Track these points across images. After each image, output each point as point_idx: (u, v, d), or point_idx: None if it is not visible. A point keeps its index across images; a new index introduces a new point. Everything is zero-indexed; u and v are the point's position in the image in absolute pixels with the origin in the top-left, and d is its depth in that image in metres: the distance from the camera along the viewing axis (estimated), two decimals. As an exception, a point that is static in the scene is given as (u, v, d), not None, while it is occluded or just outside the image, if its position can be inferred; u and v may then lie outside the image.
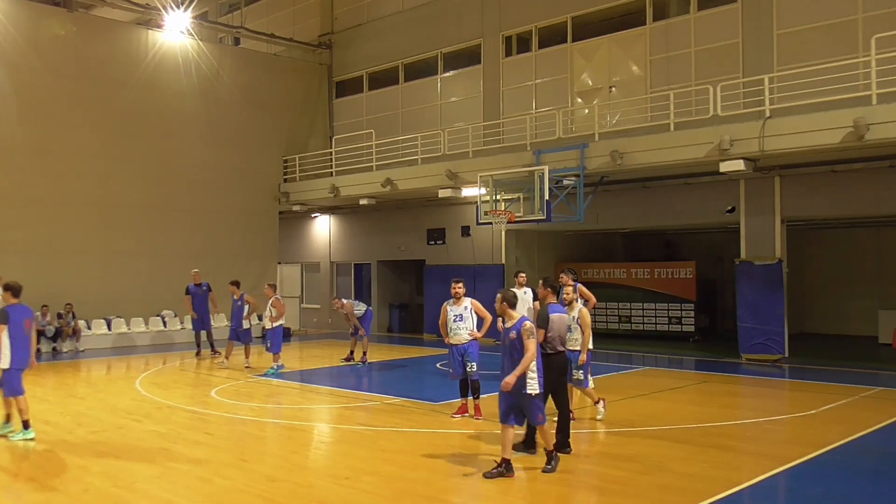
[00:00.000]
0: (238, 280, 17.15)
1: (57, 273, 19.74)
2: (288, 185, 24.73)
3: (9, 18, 19.41)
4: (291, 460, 8.37)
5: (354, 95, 26.04)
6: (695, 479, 7.38)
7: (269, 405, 11.93)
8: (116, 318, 21.07)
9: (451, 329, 10.25)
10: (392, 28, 24.52)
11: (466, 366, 10.23)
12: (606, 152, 16.40)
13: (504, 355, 7.64)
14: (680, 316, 21.02)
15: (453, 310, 10.27)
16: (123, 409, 11.36)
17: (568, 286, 12.94)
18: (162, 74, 22.20)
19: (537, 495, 7.22)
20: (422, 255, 23.32)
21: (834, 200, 16.03)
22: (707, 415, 10.71)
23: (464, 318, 10.23)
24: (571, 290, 9.86)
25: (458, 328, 10.20)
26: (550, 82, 20.48)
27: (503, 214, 16.94)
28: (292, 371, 16.07)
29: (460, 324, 10.20)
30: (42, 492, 7.14)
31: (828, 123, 13.63)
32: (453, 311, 10.26)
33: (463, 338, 10.22)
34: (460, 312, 10.24)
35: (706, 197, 17.68)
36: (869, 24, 14.94)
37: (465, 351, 10.23)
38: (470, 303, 10.34)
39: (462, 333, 10.21)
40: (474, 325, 10.33)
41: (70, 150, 20.30)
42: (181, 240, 22.34)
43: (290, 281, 27.62)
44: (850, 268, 21.89)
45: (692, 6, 17.94)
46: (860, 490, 7.17)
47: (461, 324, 10.20)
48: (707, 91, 15.71)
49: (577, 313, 9.68)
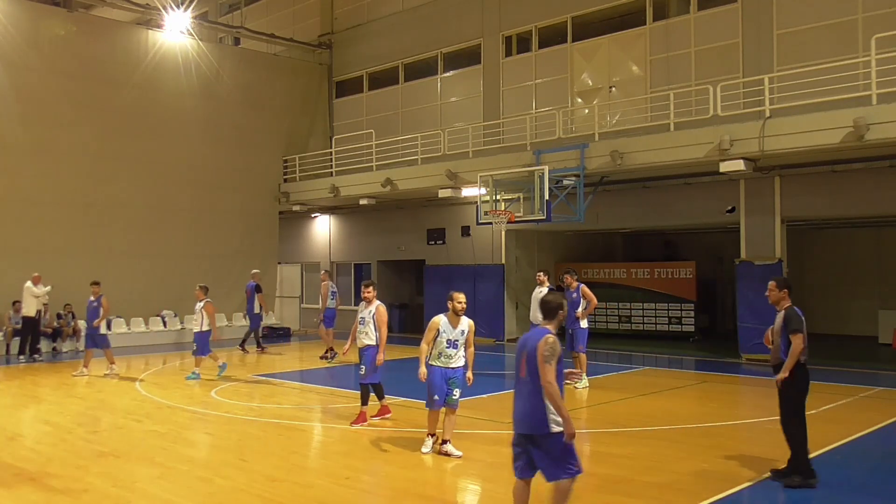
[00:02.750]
0: (98, 280, 15.52)
1: (57, 273, 19.72)
2: (288, 185, 24.73)
3: (9, 18, 19.42)
4: (291, 460, 8.37)
5: (354, 95, 26.04)
6: (695, 479, 7.38)
7: (269, 405, 11.93)
8: (116, 318, 21.06)
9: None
10: (392, 28, 24.52)
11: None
12: (606, 152, 16.39)
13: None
14: (680, 316, 21.01)
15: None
16: (123, 409, 11.36)
17: (571, 286, 13.11)
18: (162, 74, 22.20)
19: (538, 495, 7.21)
20: (422, 255, 23.32)
21: (834, 200, 16.03)
22: (707, 415, 10.71)
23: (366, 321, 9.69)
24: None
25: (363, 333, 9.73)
26: (550, 82, 20.48)
27: (503, 214, 16.94)
28: (292, 371, 16.07)
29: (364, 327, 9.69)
30: (42, 492, 7.13)
31: (828, 123, 13.63)
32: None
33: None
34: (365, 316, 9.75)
35: (706, 197, 17.67)
36: (869, 24, 14.94)
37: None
38: (375, 308, 9.69)
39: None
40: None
41: (70, 150, 20.30)
42: (181, 240, 22.34)
43: (289, 281, 27.61)
44: (850, 268, 21.89)
45: (692, 6, 17.94)
46: (860, 490, 7.17)
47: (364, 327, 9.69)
48: (707, 91, 15.71)
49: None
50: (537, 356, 5.34)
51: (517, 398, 5.57)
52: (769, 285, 7.53)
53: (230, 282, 23.29)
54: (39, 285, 17.76)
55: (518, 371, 5.58)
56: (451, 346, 8.26)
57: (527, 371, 5.45)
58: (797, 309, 7.28)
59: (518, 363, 5.57)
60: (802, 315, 7.24)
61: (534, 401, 5.39)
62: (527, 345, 5.52)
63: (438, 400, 8.30)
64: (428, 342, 8.33)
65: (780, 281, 7.50)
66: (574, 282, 13.05)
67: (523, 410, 5.48)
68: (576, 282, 13.08)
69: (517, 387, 5.59)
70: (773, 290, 7.44)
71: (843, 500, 6.90)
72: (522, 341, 5.63)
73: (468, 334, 8.35)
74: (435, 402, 8.33)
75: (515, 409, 5.57)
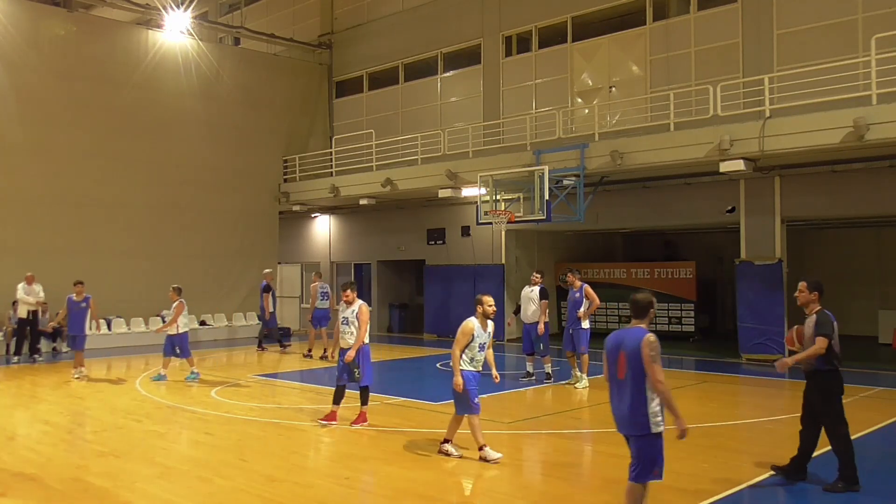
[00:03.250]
0: (82, 280, 15.21)
1: (57, 273, 19.71)
2: (288, 185, 24.73)
3: (9, 18, 19.42)
4: (291, 460, 8.37)
5: (354, 95, 26.03)
6: (695, 479, 7.38)
7: (269, 405, 11.93)
8: (116, 318, 21.07)
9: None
10: (392, 28, 24.52)
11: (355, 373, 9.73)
12: (606, 152, 16.40)
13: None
14: (680, 316, 21.01)
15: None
16: (123, 409, 11.36)
17: (574, 286, 13.17)
18: (162, 74, 22.20)
19: (538, 495, 7.22)
20: (422, 255, 23.31)
21: (834, 200, 16.02)
22: (707, 415, 10.71)
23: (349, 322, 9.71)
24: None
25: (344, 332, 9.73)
26: (550, 82, 20.48)
27: (503, 214, 16.95)
28: (292, 371, 16.07)
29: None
30: (42, 492, 7.13)
31: (828, 123, 13.63)
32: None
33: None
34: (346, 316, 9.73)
35: (706, 197, 17.67)
36: (869, 24, 14.94)
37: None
38: (358, 306, 9.73)
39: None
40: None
41: (70, 149, 20.29)
42: (181, 240, 22.33)
43: (289, 281, 27.61)
44: (850, 268, 21.87)
45: (692, 6, 17.94)
46: (860, 490, 7.16)
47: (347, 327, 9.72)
48: (707, 91, 15.71)
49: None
50: (642, 357, 5.30)
51: (617, 400, 5.53)
52: (799, 286, 7.31)
53: (230, 282, 23.31)
54: (34, 285, 17.65)
55: (615, 373, 5.51)
56: (482, 349, 8.26)
57: (628, 372, 5.38)
58: (828, 312, 7.16)
59: (614, 364, 5.51)
60: (834, 319, 7.15)
61: (636, 402, 5.37)
62: (624, 345, 5.46)
63: (479, 403, 8.23)
64: (462, 348, 8.17)
65: (812, 283, 7.27)
66: (577, 281, 13.09)
67: (626, 412, 5.46)
68: (579, 281, 13.12)
69: (616, 388, 5.54)
70: (803, 291, 7.24)
71: (843, 499, 6.90)
72: (616, 342, 5.55)
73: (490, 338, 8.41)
74: (476, 406, 8.20)
75: (617, 410, 5.55)
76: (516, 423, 10.33)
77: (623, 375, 5.43)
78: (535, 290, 13.50)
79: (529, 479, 7.99)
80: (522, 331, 14.03)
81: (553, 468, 8.24)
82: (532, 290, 13.55)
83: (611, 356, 5.57)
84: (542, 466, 8.41)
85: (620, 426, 5.56)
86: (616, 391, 5.54)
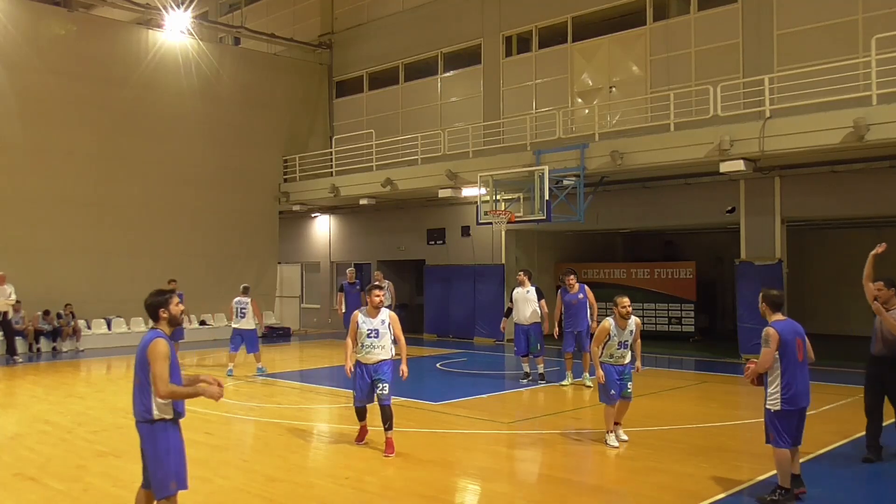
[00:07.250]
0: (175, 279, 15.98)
1: (57, 273, 19.75)
2: (288, 185, 24.73)
3: (9, 18, 19.42)
4: (291, 460, 8.36)
5: (354, 95, 26.03)
6: (695, 479, 7.38)
7: (269, 405, 11.93)
8: (116, 318, 21.07)
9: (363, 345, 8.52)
10: (392, 28, 24.51)
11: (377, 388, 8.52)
12: (606, 152, 16.39)
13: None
14: (680, 316, 21.00)
15: (367, 322, 8.44)
16: (123, 409, 11.32)
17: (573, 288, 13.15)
18: (162, 74, 22.19)
19: (538, 495, 7.22)
20: (422, 255, 23.31)
21: (834, 200, 16.02)
22: (707, 415, 10.71)
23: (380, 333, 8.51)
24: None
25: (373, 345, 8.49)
26: (550, 82, 20.48)
27: (503, 214, 16.94)
28: (292, 371, 16.07)
29: (374, 340, 8.47)
30: (42, 492, 7.13)
31: (828, 124, 13.63)
32: (367, 325, 8.43)
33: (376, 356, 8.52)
34: (376, 327, 8.48)
35: (706, 197, 17.67)
36: (869, 24, 14.94)
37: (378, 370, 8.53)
38: (388, 315, 8.61)
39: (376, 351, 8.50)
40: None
41: (70, 149, 20.29)
42: (181, 239, 22.33)
43: (289, 281, 27.62)
44: (851, 268, 21.59)
45: (692, 6, 17.94)
46: (859, 490, 7.16)
47: (375, 340, 8.48)
48: (707, 91, 15.70)
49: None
50: (807, 341, 6.67)
51: (803, 379, 6.60)
52: (875, 285, 7.90)
53: (230, 282, 23.23)
54: (5, 286, 16.86)
55: (796, 355, 6.57)
56: (623, 346, 8.87)
57: (805, 355, 6.64)
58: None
59: (795, 348, 6.58)
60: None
61: (808, 379, 6.64)
62: (798, 331, 6.68)
63: (615, 394, 8.81)
64: (598, 344, 8.90)
65: (888, 280, 7.90)
66: (576, 283, 13.05)
67: (807, 388, 6.63)
68: (577, 283, 13.09)
69: (802, 370, 6.60)
70: (881, 289, 7.86)
71: (843, 499, 6.90)
72: (791, 330, 6.63)
73: (636, 332, 8.97)
74: (612, 397, 8.80)
75: (802, 387, 6.58)
76: (516, 423, 10.36)
77: (802, 357, 6.61)
78: (531, 291, 13.34)
79: (529, 478, 7.99)
80: (514, 332, 13.81)
81: (554, 469, 8.23)
82: (528, 291, 13.36)
83: (791, 341, 6.56)
84: (542, 467, 8.40)
85: (805, 399, 6.60)
86: (801, 372, 6.58)
